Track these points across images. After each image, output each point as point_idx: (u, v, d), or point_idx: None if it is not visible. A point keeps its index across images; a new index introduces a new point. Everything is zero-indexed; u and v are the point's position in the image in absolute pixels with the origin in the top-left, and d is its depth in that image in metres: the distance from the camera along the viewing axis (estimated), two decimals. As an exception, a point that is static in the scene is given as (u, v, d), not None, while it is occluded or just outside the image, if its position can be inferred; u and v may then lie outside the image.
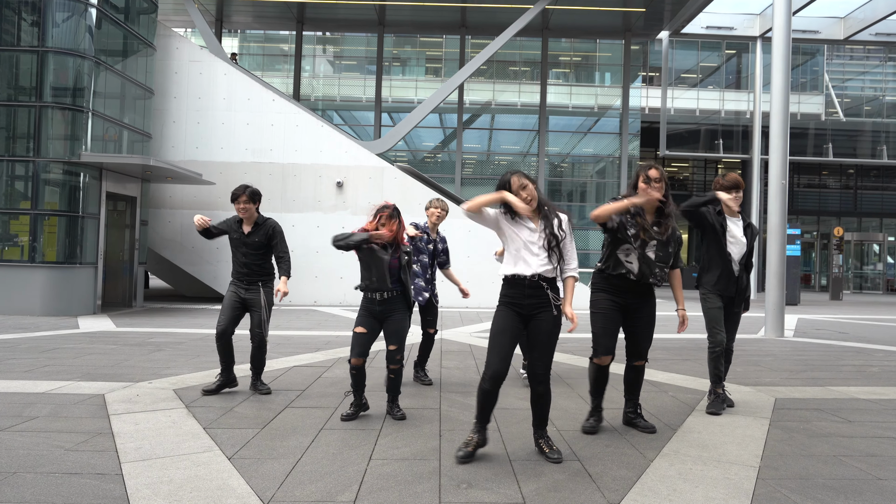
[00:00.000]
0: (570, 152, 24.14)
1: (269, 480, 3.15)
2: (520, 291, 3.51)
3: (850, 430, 4.29)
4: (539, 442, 3.62)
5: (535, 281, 3.49)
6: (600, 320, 4.11)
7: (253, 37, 24.59)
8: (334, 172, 14.29)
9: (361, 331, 4.31)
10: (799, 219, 27.19)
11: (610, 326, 4.09)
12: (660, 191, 3.98)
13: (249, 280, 5.04)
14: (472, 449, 3.49)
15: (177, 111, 14.16)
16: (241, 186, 5.03)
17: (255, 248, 5.01)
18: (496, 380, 3.44)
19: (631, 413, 4.30)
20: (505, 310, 3.54)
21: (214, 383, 5.07)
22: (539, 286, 3.50)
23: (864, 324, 12.39)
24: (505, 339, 3.48)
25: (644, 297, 4.13)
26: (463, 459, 3.44)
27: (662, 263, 4.05)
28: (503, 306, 3.56)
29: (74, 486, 3.03)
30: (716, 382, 4.73)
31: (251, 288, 5.05)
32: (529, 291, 3.49)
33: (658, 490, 3.11)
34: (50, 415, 4.31)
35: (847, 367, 6.98)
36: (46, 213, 11.11)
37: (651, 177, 3.99)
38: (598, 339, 4.11)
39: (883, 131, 26.41)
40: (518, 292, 3.51)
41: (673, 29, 22.80)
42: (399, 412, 4.40)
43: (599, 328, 4.10)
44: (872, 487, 3.21)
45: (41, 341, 7.75)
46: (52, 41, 11.12)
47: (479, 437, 3.53)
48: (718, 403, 4.71)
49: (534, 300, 3.50)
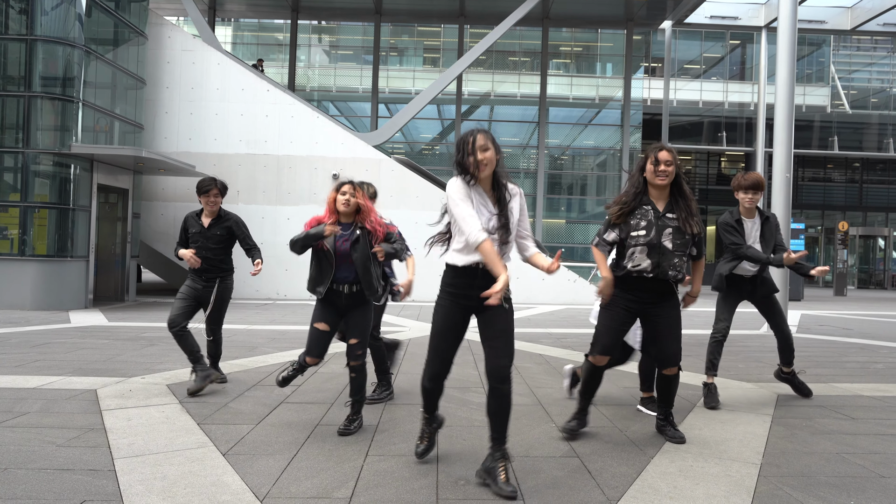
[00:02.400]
0: (570, 144, 23.90)
1: (265, 477, 3.11)
2: (470, 282, 3.06)
3: (854, 428, 4.24)
4: (495, 464, 3.00)
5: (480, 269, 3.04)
6: (605, 317, 3.80)
7: (247, 26, 24.32)
8: (330, 164, 14.09)
9: (323, 328, 3.86)
10: (803, 213, 26.93)
11: (614, 326, 3.75)
12: (670, 175, 3.64)
13: (208, 276, 4.96)
14: (428, 442, 3.37)
15: (169, 102, 13.96)
16: (210, 179, 4.94)
17: (216, 242, 4.95)
18: (439, 379, 3.20)
19: (660, 420, 3.94)
20: (450, 303, 3.11)
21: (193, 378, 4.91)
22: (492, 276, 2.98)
23: (868, 320, 12.26)
24: (450, 338, 3.12)
25: (663, 295, 3.70)
26: (423, 454, 3.32)
27: (681, 252, 3.64)
28: (448, 299, 3.11)
29: (66, 483, 2.99)
30: (709, 369, 4.77)
31: (208, 285, 4.98)
32: (482, 283, 2.99)
33: (658, 487, 3.07)
34: (41, 410, 4.27)
35: (851, 363, 6.91)
36: (36, 205, 10.95)
37: (661, 159, 3.61)
38: (599, 336, 3.81)
39: (890, 124, 26.12)
40: (468, 282, 3.07)
41: (676, 19, 22.51)
42: (357, 423, 3.90)
43: (602, 325, 3.80)
44: (875, 485, 3.17)
45: (32, 336, 7.68)
46: (40, 29, 10.92)
47: (431, 425, 3.37)
48: (713, 397, 4.70)
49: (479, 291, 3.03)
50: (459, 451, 3.58)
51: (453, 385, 5.33)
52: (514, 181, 3.22)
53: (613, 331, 3.77)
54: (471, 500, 2.88)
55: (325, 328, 3.87)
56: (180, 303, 4.90)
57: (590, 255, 22.43)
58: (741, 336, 9.10)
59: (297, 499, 2.85)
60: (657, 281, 3.67)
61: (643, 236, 3.64)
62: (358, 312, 3.92)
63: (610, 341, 3.77)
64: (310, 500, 2.83)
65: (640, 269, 3.65)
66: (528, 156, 23.52)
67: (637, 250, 3.65)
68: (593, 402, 4.05)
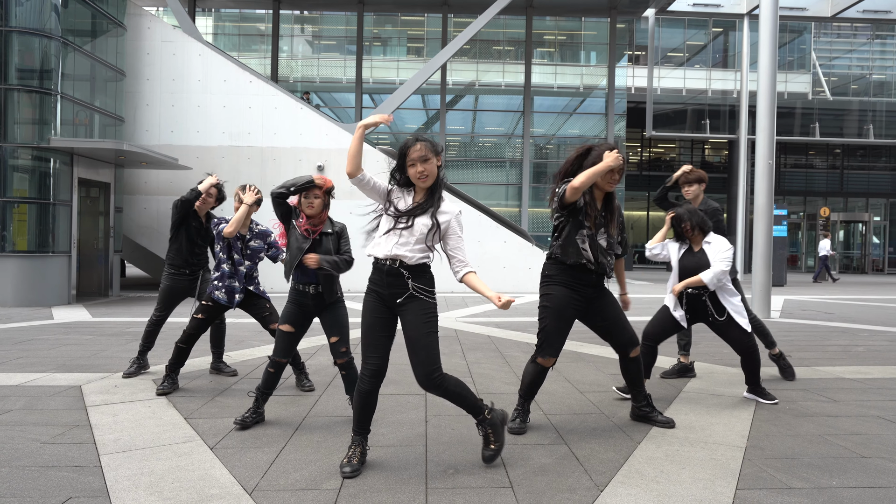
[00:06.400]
0: (555, 133, 23.92)
1: (253, 470, 3.10)
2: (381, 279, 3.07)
3: (836, 410, 4.31)
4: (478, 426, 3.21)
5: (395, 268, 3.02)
6: (554, 317, 3.61)
7: (228, 16, 24.00)
8: (315, 156, 13.99)
9: (288, 329, 3.84)
10: (786, 199, 27.21)
11: (563, 326, 3.63)
12: (617, 182, 3.68)
13: (193, 269, 5.19)
14: (357, 462, 3.06)
15: (150, 94, 13.77)
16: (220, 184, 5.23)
17: (209, 241, 5.24)
18: (380, 375, 3.08)
19: (645, 407, 3.89)
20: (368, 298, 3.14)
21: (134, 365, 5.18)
22: (399, 273, 3.01)
23: (849, 304, 12.43)
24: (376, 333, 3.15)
25: (599, 288, 3.72)
26: (351, 474, 3.01)
27: (612, 251, 3.68)
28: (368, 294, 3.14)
29: (52, 480, 2.95)
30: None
31: (193, 276, 5.21)
32: (390, 280, 3.03)
33: (645, 472, 3.10)
34: (25, 407, 4.21)
35: (833, 347, 7.01)
36: (16, 200, 10.77)
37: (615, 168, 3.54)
38: (549, 338, 3.63)
39: (870, 110, 26.41)
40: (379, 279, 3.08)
41: (659, 6, 22.54)
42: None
43: (552, 327, 3.62)
44: (857, 465, 3.23)
45: (14, 333, 7.57)
46: (15, 20, 10.69)
47: (360, 448, 3.13)
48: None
49: (394, 289, 3.04)
50: (448, 440, 3.59)
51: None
52: (454, 203, 3.17)
53: (562, 331, 3.66)
54: (460, 488, 2.89)
55: (289, 329, 3.86)
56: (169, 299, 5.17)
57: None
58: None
59: (285, 491, 2.84)
60: (596, 274, 3.67)
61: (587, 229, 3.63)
62: (330, 311, 3.96)
63: (560, 342, 3.66)
64: (299, 493, 2.82)
65: (585, 256, 3.60)
66: (513, 145, 23.52)
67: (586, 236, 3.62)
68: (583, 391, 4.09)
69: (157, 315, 5.15)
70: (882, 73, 26.89)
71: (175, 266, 5.10)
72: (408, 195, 3.08)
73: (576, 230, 3.61)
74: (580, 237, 3.60)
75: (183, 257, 5.07)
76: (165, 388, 4.61)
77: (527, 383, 3.76)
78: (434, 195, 3.05)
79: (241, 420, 3.77)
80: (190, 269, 5.12)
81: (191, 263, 5.11)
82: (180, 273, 5.10)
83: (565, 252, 3.64)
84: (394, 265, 3.00)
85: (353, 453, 3.11)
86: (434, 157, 2.99)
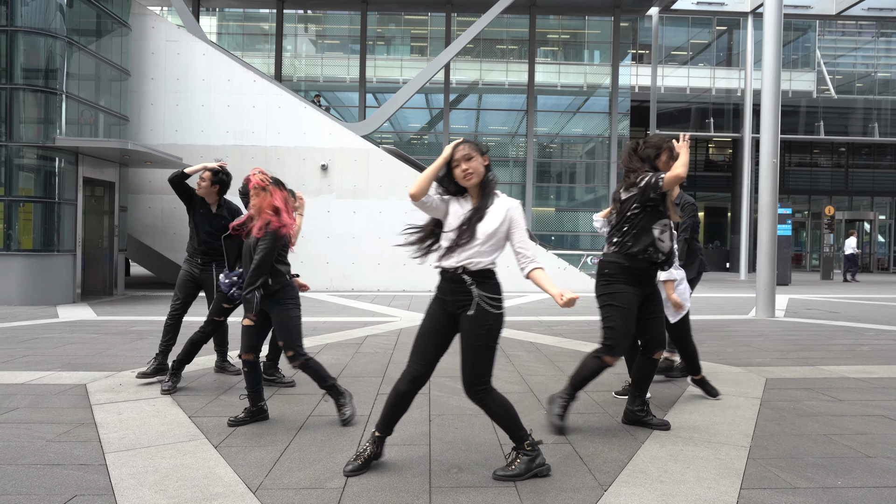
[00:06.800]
0: (558, 133, 23.89)
1: (257, 468, 3.10)
2: (445, 286, 3.01)
3: (841, 409, 4.30)
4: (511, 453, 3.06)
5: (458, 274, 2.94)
6: (624, 317, 3.56)
7: (232, 15, 24.02)
8: (318, 155, 14.02)
9: (248, 323, 3.83)
10: (790, 198, 27.13)
11: (632, 325, 3.61)
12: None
13: (205, 259, 4.99)
14: (362, 462, 3.03)
15: (154, 93, 13.80)
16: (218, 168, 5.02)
17: (218, 229, 4.96)
18: (418, 383, 3.03)
19: (640, 412, 3.81)
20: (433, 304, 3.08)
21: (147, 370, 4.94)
22: (462, 280, 2.93)
23: (854, 303, 12.39)
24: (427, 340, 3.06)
25: (653, 282, 3.72)
26: (352, 473, 3.00)
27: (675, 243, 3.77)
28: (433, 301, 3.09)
29: (57, 478, 2.96)
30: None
31: (206, 268, 5.00)
32: (453, 286, 2.96)
33: (649, 471, 3.09)
34: (30, 406, 4.24)
35: (837, 346, 6.99)
36: (21, 199, 10.82)
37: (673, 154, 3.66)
38: (622, 339, 3.57)
39: (875, 108, 26.30)
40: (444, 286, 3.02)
41: (663, 5, 22.48)
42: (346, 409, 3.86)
43: (623, 327, 3.56)
44: (862, 465, 3.21)
45: (19, 331, 7.61)
46: (21, 20, 10.74)
47: (373, 448, 3.07)
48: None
49: (458, 296, 2.95)
50: (452, 439, 3.59)
51: (445, 373, 5.32)
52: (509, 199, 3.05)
53: (632, 331, 3.63)
54: (463, 487, 2.89)
55: (248, 323, 3.85)
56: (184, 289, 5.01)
57: (580, 242, 22.51)
58: (729, 321, 9.19)
59: (290, 490, 2.84)
60: (657, 266, 3.67)
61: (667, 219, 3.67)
62: (273, 312, 3.88)
63: (629, 342, 3.65)
64: (303, 491, 2.83)
65: (661, 248, 3.61)
66: (516, 144, 23.49)
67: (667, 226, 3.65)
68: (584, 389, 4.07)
69: (173, 306, 4.98)
70: (887, 71, 26.78)
71: (188, 253, 5.04)
72: (464, 202, 3.02)
73: (652, 221, 3.60)
74: (657, 227, 3.60)
75: (193, 245, 4.99)
76: (170, 387, 4.62)
77: (583, 377, 3.68)
78: (487, 195, 2.99)
79: (234, 420, 3.82)
80: (202, 258, 4.96)
81: (203, 252, 4.95)
82: (192, 261, 4.99)
83: (637, 242, 3.58)
84: (456, 272, 2.93)
85: (364, 452, 3.06)
86: (479, 155, 2.95)
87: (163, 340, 4.95)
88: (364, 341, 7.03)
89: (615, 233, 3.69)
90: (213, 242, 4.95)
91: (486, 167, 2.98)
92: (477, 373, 2.94)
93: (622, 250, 3.62)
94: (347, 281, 14.06)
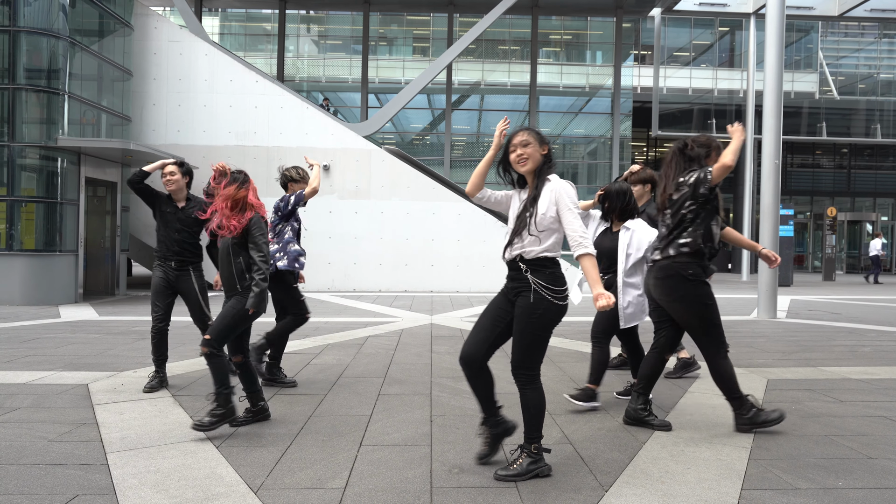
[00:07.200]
0: (560, 133, 23.88)
1: (258, 468, 3.11)
2: (508, 275, 3.10)
3: (842, 410, 4.30)
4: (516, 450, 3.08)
5: (515, 261, 3.02)
6: (716, 312, 3.63)
7: (234, 16, 24.05)
8: (320, 155, 14.02)
9: None
10: (792, 199, 27.08)
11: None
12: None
13: (180, 262, 4.74)
14: (488, 438, 3.15)
15: (157, 93, 13.83)
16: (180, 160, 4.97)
17: (189, 225, 4.76)
18: (468, 363, 3.05)
19: (643, 411, 3.82)
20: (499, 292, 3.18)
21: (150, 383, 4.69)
22: (518, 267, 2.99)
23: (856, 304, 12.37)
24: (483, 319, 3.11)
25: None
26: (481, 459, 3.15)
27: None
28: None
29: (59, 477, 2.97)
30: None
31: (182, 273, 4.76)
32: (512, 273, 3.05)
33: (650, 472, 3.10)
34: (32, 405, 4.25)
35: (839, 347, 6.98)
36: (23, 199, 10.84)
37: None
38: (722, 333, 3.64)
39: (877, 109, 26.25)
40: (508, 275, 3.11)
41: (665, 6, 22.47)
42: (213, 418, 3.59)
43: (720, 320, 3.66)
44: (863, 466, 3.21)
45: (21, 331, 7.63)
46: (23, 20, 10.76)
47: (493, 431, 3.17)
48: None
49: (515, 283, 3.01)
50: (453, 439, 3.59)
51: (446, 374, 5.35)
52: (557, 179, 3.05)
53: None
54: (465, 487, 2.89)
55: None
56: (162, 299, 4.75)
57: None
58: (731, 322, 9.17)
59: (291, 490, 2.85)
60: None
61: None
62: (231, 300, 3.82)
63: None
64: (304, 491, 2.83)
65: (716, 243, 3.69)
66: (518, 145, 23.46)
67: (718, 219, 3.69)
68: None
69: (154, 317, 4.74)
70: (890, 72, 26.73)
71: (158, 256, 4.77)
72: (524, 193, 3.09)
73: (710, 217, 3.62)
74: (715, 223, 3.62)
75: (165, 245, 4.72)
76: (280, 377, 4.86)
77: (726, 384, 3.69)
78: (541, 181, 3.01)
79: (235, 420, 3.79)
80: (177, 260, 4.72)
81: (177, 253, 4.70)
82: (165, 266, 4.73)
83: (710, 238, 3.61)
84: (514, 261, 3.01)
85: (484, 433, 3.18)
86: (537, 143, 3.00)
87: (155, 355, 4.75)
88: (366, 342, 7.04)
89: (676, 233, 3.64)
90: (187, 241, 4.74)
91: (543, 156, 3.02)
92: (524, 359, 2.97)
93: (694, 248, 3.60)
94: (349, 281, 14.07)
